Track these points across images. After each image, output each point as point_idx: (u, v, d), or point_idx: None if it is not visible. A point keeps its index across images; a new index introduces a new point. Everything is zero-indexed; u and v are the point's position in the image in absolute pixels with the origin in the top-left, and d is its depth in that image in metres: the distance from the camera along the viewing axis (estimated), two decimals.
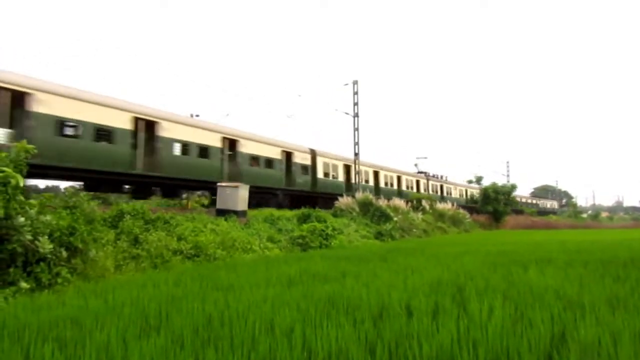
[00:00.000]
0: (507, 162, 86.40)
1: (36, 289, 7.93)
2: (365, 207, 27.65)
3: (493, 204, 52.00)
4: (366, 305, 5.64)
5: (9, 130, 15.87)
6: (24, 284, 7.83)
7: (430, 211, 36.32)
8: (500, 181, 62.72)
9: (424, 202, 36.44)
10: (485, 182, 64.24)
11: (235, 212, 17.77)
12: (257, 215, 19.21)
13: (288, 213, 21.34)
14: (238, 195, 18.38)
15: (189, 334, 4.46)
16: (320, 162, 32.25)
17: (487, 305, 5.24)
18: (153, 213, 13.82)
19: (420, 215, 32.46)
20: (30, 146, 8.90)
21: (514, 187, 56.17)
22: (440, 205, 39.42)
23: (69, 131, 17.13)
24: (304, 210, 21.31)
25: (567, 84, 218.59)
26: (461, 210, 41.80)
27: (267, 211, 21.01)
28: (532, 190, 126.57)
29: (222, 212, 17.80)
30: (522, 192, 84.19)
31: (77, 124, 17.27)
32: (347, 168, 35.94)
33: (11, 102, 15.81)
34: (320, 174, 32.14)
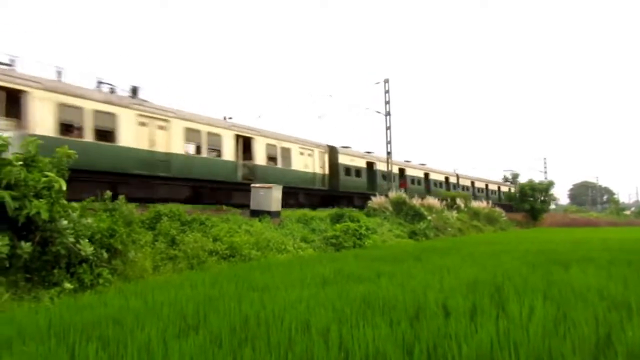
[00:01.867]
0: (544, 159, 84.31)
1: (79, 290, 8.18)
2: (399, 206, 27.42)
3: (530, 202, 50.83)
4: (402, 305, 5.59)
5: None
6: (67, 285, 8.10)
7: (465, 209, 35.75)
8: (537, 178, 61.21)
9: (458, 201, 35.89)
10: (522, 179, 62.88)
11: (269, 213, 17.90)
12: (290, 215, 19.30)
13: (321, 213, 21.36)
14: (271, 196, 18.51)
15: (227, 334, 4.51)
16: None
17: (527, 306, 5.12)
18: (189, 214, 14.06)
19: (454, 213, 31.99)
20: (72, 151, 9.21)
21: (551, 183, 54.71)
22: (475, 204, 38.74)
23: None
24: (337, 210, 21.28)
25: (608, 76, 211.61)
26: (497, 209, 40.98)
27: (300, 211, 21.08)
28: (571, 187, 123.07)
29: (256, 213, 17.97)
30: (560, 189, 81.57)
31: None
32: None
33: None
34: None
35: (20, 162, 7.96)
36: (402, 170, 38.90)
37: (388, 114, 33.89)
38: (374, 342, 4.05)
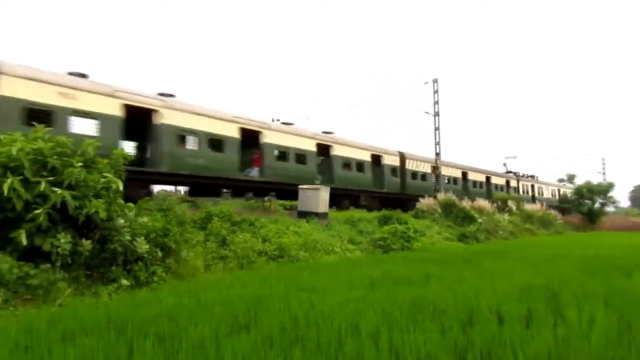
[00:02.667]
0: (603, 159, 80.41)
1: (135, 286, 8.49)
2: (448, 208, 26.90)
3: (587, 204, 48.64)
4: (453, 310, 5.47)
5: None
6: (124, 281, 8.44)
7: (518, 212, 34.62)
8: (596, 179, 58.50)
9: (510, 203, 34.81)
10: (579, 181, 60.31)
11: (317, 214, 17.98)
12: (337, 217, 19.31)
13: (368, 215, 21.26)
14: (319, 197, 18.59)
15: (277, 333, 4.56)
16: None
17: (587, 313, 4.90)
18: (238, 215, 14.32)
19: (506, 216, 31.05)
20: (127, 152, 9.59)
21: (611, 185, 52.12)
22: (528, 206, 37.45)
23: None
24: (384, 211, 21.14)
25: None
26: (552, 211, 39.46)
27: (347, 213, 21.07)
28: (632, 189, 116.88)
29: (303, 214, 18.09)
30: (620, 191, 77.37)
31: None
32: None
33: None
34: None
35: (81, 164, 8.34)
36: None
37: (437, 114, 33.36)
38: (425, 346, 3.99)
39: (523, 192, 47.05)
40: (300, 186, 19.46)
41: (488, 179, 43.16)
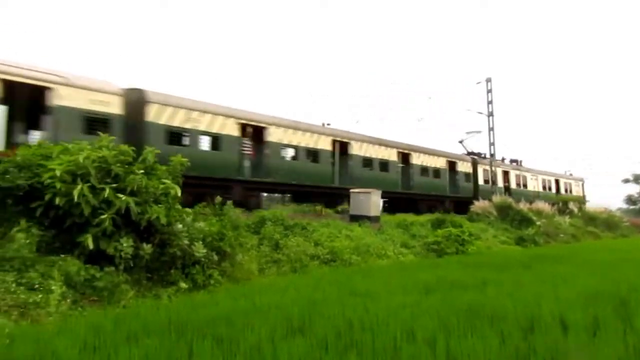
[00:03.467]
0: None
1: (193, 289, 8.75)
2: (504, 210, 26.05)
3: None
4: (512, 316, 5.30)
5: None
6: (183, 284, 8.71)
7: (579, 214, 33.05)
8: None
9: (571, 205, 33.29)
10: None
11: (368, 218, 17.89)
12: (389, 220, 19.15)
13: (421, 218, 20.96)
14: (371, 201, 18.50)
15: (332, 338, 4.57)
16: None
17: None
18: (291, 219, 14.48)
19: (567, 219, 29.72)
20: (184, 159, 9.91)
21: None
22: (591, 208, 35.65)
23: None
24: (437, 215, 20.77)
25: None
26: (617, 213, 37.39)
27: (399, 217, 20.86)
28: None
29: (355, 218, 18.05)
30: None
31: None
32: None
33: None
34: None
35: (142, 171, 8.70)
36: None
37: (491, 114, 32.43)
38: (485, 354, 3.88)
39: (485, 182, 32.96)
40: (351, 190, 19.45)
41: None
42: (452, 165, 30.53)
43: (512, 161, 37.12)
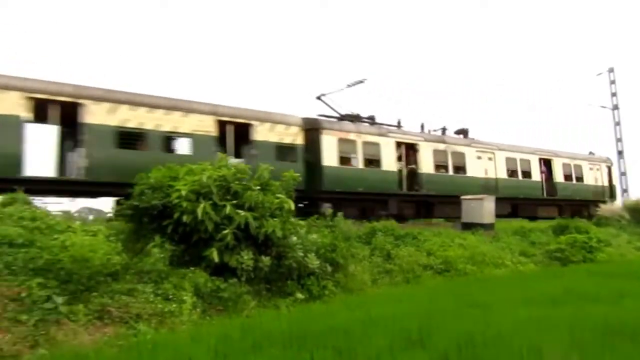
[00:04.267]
0: None
1: (309, 300, 9.03)
2: (637, 214, 23.56)
3: None
4: None
5: None
6: (299, 295, 9.03)
7: None
8: None
9: None
10: None
11: (482, 225, 17.19)
12: (505, 227, 18.23)
13: (541, 224, 19.69)
14: (483, 208, 17.77)
15: (454, 352, 4.45)
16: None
17: None
18: (402, 229, 14.38)
19: None
20: (296, 174, 10.29)
21: None
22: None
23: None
24: (559, 220, 19.36)
25: None
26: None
27: (517, 223, 19.78)
28: None
29: (467, 226, 17.44)
30: None
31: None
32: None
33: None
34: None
35: (258, 187, 9.19)
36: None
37: (616, 107, 29.64)
38: None
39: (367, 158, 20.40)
40: (462, 197, 18.83)
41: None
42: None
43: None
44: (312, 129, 18.26)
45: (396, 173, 20.15)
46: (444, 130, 23.50)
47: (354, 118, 20.39)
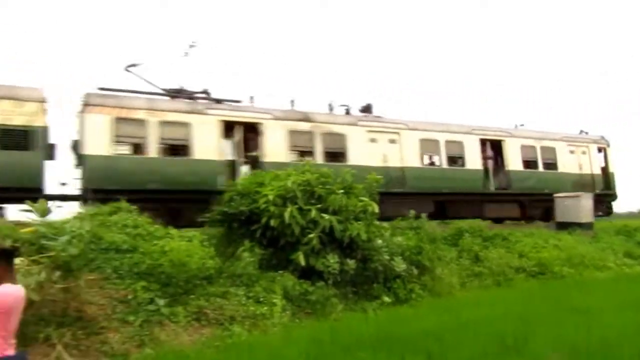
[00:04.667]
0: None
1: (396, 303, 8.93)
2: None
3: None
4: None
5: None
6: (386, 298, 8.97)
7: None
8: None
9: None
10: None
11: (579, 225, 16.09)
12: (606, 227, 16.95)
13: None
14: (580, 206, 16.63)
15: None
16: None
17: None
18: (490, 229, 13.83)
19: None
20: (379, 177, 10.24)
21: None
22: None
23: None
24: None
25: None
26: None
27: (620, 222, 18.31)
28: None
29: (562, 225, 16.40)
30: None
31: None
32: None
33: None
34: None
35: (342, 191, 9.27)
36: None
37: None
38: None
39: (168, 144, 14.66)
40: (555, 195, 17.74)
41: None
42: None
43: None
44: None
45: (222, 163, 14.57)
46: (348, 110, 17.78)
47: (177, 93, 15.22)
